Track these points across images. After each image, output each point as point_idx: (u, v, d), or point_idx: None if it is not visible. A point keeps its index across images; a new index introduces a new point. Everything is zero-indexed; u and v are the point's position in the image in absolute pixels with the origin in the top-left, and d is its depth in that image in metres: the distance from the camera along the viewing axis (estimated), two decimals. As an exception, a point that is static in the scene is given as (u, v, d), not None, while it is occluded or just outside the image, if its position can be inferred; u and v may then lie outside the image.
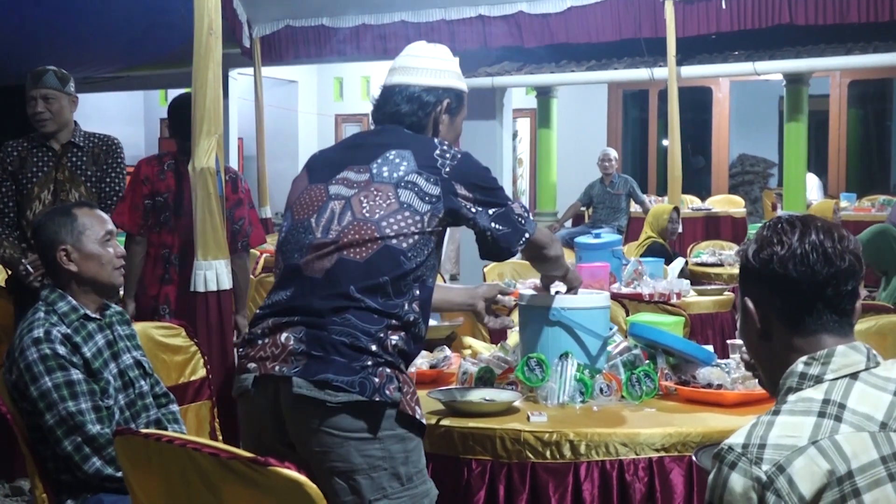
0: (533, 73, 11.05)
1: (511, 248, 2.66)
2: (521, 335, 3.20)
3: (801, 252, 1.69)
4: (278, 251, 2.65)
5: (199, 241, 4.29)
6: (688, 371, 3.10)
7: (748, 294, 1.76)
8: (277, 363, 2.43)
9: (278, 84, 15.15)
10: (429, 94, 2.71)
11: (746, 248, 1.77)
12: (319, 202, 2.59)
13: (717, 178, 13.87)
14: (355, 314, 2.43)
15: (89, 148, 4.63)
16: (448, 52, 2.82)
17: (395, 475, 2.42)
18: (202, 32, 4.33)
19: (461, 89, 2.79)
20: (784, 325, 1.72)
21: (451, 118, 2.76)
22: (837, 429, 1.56)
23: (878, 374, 1.65)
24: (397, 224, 2.49)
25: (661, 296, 5.27)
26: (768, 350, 1.75)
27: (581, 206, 10.67)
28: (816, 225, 1.72)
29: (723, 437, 2.61)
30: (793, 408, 1.62)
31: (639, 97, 14.80)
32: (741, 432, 1.61)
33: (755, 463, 1.54)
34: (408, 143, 2.61)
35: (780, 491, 1.52)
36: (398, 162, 2.56)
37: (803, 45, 9.98)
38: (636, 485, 2.62)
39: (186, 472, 1.97)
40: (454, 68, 2.79)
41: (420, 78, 2.73)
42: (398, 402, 2.41)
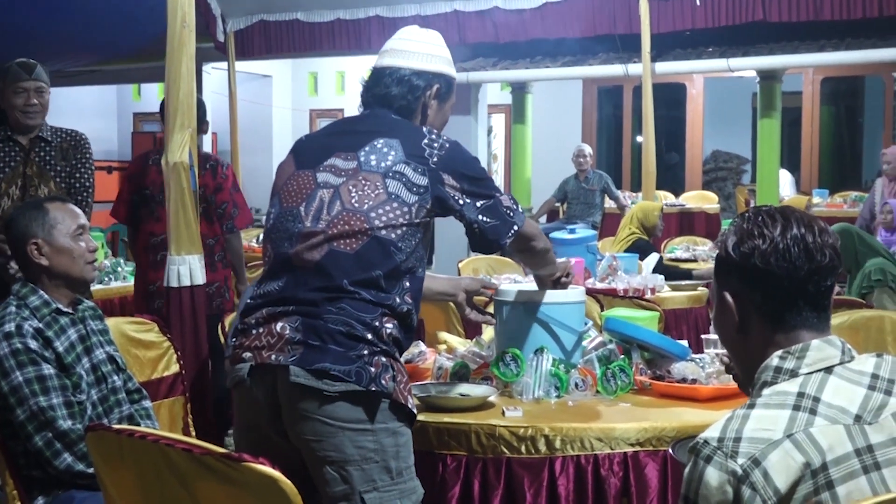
0: (508, 69, 11.06)
1: (500, 241, 2.66)
2: (496, 330, 3.20)
3: (783, 247, 1.68)
4: (266, 238, 2.64)
5: (172, 236, 4.27)
6: (662, 366, 3.11)
7: (726, 287, 1.75)
8: (274, 352, 2.43)
9: (252, 79, 15.08)
10: (419, 78, 2.71)
11: (725, 239, 1.76)
12: (308, 190, 2.58)
13: (691, 175, 13.93)
14: (350, 303, 2.44)
15: (57, 143, 4.58)
16: (440, 38, 2.81)
17: (385, 468, 2.43)
18: (175, 26, 4.30)
19: (451, 76, 2.79)
20: (763, 321, 1.72)
21: (440, 104, 2.76)
22: (812, 422, 1.57)
23: (853, 367, 1.66)
24: (386, 215, 2.49)
25: (636, 291, 5.28)
26: (745, 344, 1.74)
27: (556, 202, 10.68)
28: (797, 217, 1.71)
29: (697, 432, 2.62)
30: (768, 401, 1.62)
31: (613, 93, 14.83)
32: (717, 426, 1.61)
33: (730, 456, 1.55)
34: (396, 132, 2.60)
35: (756, 484, 1.52)
36: (386, 151, 2.55)
37: (776, 42, 10.04)
38: (611, 479, 2.62)
39: (159, 469, 1.94)
40: (445, 54, 2.79)
41: (411, 61, 2.72)
42: (392, 393, 2.43)
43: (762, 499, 1.52)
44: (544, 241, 2.88)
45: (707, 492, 1.55)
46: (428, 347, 3.54)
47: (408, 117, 2.70)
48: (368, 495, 2.41)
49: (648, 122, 9.05)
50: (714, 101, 14.52)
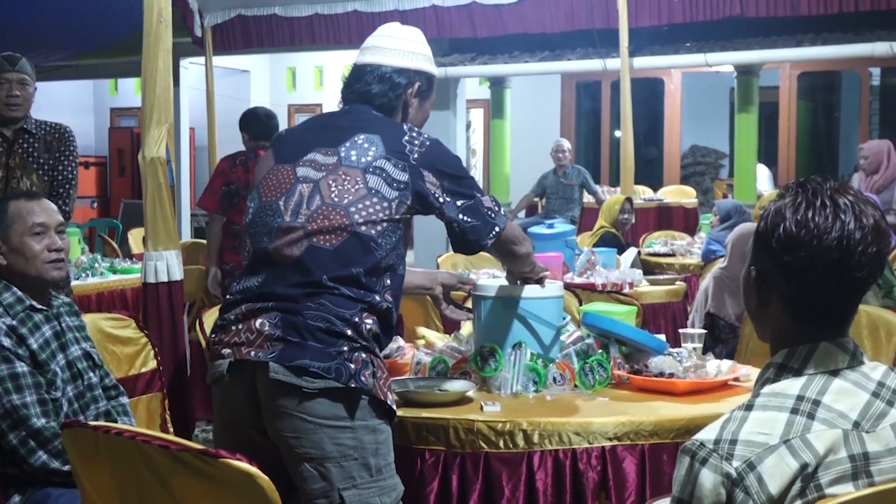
0: (486, 64, 11.07)
1: (480, 241, 2.64)
2: (474, 325, 3.20)
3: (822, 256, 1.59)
4: (246, 232, 2.63)
5: (150, 232, 4.25)
6: (640, 360, 3.12)
7: (756, 262, 1.67)
8: (253, 348, 2.43)
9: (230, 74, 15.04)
10: (400, 76, 2.70)
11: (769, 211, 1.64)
12: (287, 184, 2.57)
13: (669, 169, 13.97)
14: (329, 299, 2.43)
15: (41, 135, 4.56)
16: (421, 36, 2.81)
17: (364, 465, 2.43)
18: (152, 21, 4.28)
19: (432, 73, 2.79)
20: (784, 307, 1.66)
21: (421, 102, 2.76)
22: (810, 427, 1.55)
23: (861, 371, 1.63)
24: (366, 210, 2.48)
25: (614, 286, 5.30)
26: (763, 315, 1.70)
27: (534, 197, 10.69)
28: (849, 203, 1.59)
29: (675, 426, 2.67)
30: (766, 402, 1.60)
31: (592, 88, 14.85)
32: (713, 427, 1.59)
33: (726, 459, 1.53)
34: (377, 127, 2.60)
35: (749, 489, 1.51)
36: (366, 146, 2.55)
37: (754, 38, 10.08)
38: (589, 474, 2.63)
39: (136, 465, 1.94)
40: (426, 52, 2.78)
41: (392, 59, 2.71)
42: (371, 389, 2.42)
43: (754, 503, 1.51)
44: (527, 245, 2.85)
45: (701, 493, 1.53)
46: (406, 343, 3.54)
47: (388, 114, 2.69)
48: (347, 492, 2.41)
49: (626, 116, 9.07)
50: (692, 95, 14.56)
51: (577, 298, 4.39)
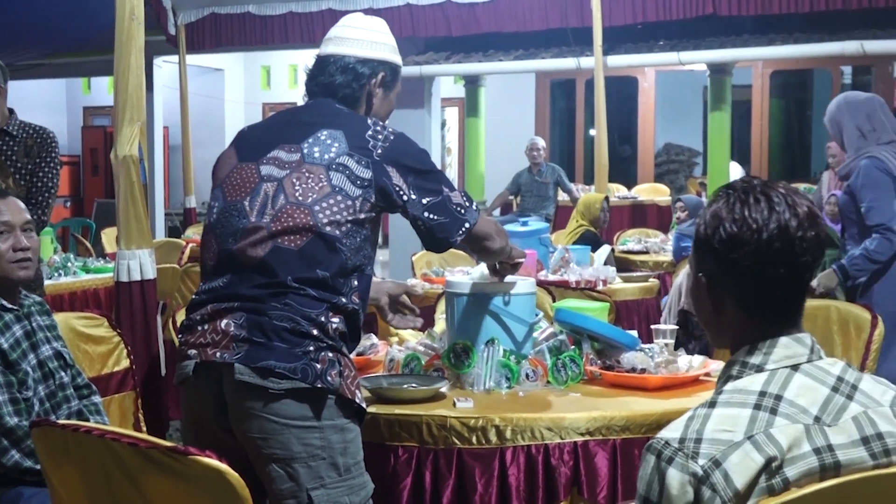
0: (461, 62, 11.08)
1: (449, 238, 2.59)
2: (447, 322, 3.21)
3: (765, 247, 1.63)
4: (210, 232, 2.59)
5: (122, 231, 4.24)
6: (612, 356, 3.13)
7: (702, 269, 1.71)
8: (219, 349, 2.41)
9: (204, 72, 14.98)
10: (363, 66, 2.68)
11: (704, 219, 1.69)
12: (252, 184, 2.54)
13: (643, 167, 14.04)
14: (295, 299, 2.42)
15: (22, 138, 4.47)
16: (384, 26, 2.79)
17: (333, 465, 2.42)
18: (124, 18, 4.26)
19: (396, 63, 2.76)
20: (737, 307, 1.69)
21: (386, 92, 2.73)
22: (773, 422, 1.56)
23: (820, 366, 1.65)
24: (330, 209, 2.46)
25: (588, 283, 5.32)
26: (719, 322, 1.72)
27: (509, 195, 10.71)
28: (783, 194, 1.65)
29: (646, 421, 2.68)
30: (729, 399, 1.61)
31: (566, 87, 14.90)
32: (677, 426, 1.60)
33: (691, 457, 1.54)
34: (340, 123, 2.57)
35: (716, 486, 1.52)
36: (329, 143, 2.52)
37: (727, 36, 10.14)
38: (561, 469, 2.64)
39: (105, 463, 1.93)
40: (390, 42, 2.76)
41: (355, 49, 2.69)
42: (338, 388, 2.41)
43: (722, 500, 1.51)
44: (501, 239, 2.79)
45: (669, 493, 1.54)
46: (380, 340, 3.54)
47: (352, 106, 2.67)
48: (316, 492, 2.40)
49: (601, 115, 9.11)
50: (666, 94, 14.63)
51: (551, 295, 4.40)
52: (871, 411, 1.62)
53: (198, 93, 13.81)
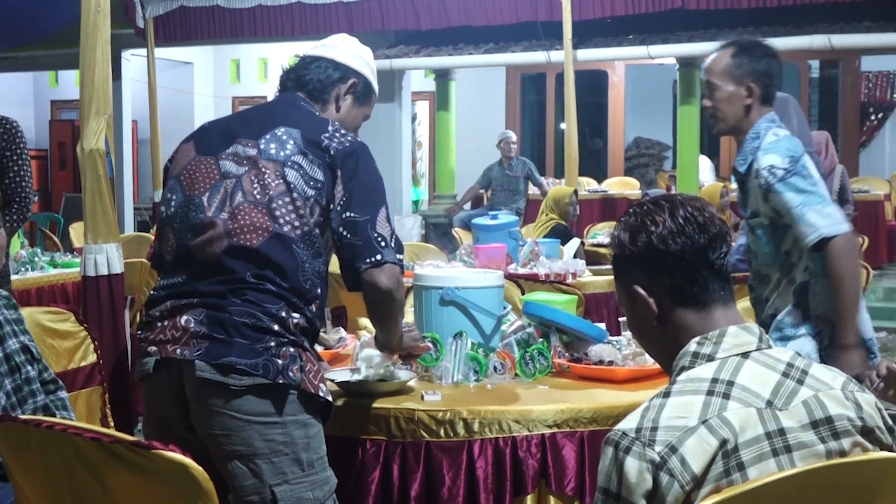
0: (431, 56, 11.07)
1: (354, 262, 2.46)
2: (415, 315, 3.21)
3: (677, 226, 1.74)
4: (167, 225, 2.58)
5: (89, 225, 4.20)
6: (580, 348, 3.14)
7: (634, 282, 1.78)
8: (179, 346, 2.40)
9: (173, 66, 14.89)
10: (337, 70, 2.74)
11: (618, 238, 1.81)
12: (211, 179, 2.53)
13: (614, 161, 14.08)
14: (255, 295, 2.41)
15: None
16: (369, 51, 2.86)
17: (296, 460, 2.41)
18: (89, 11, 4.22)
19: (371, 81, 2.81)
20: (676, 302, 1.75)
21: (355, 103, 2.77)
22: (726, 406, 1.60)
23: (770, 354, 1.70)
24: (286, 207, 2.45)
25: (557, 276, 5.32)
26: (663, 334, 1.78)
27: (480, 189, 10.72)
28: (680, 200, 1.78)
29: (613, 413, 2.69)
30: (683, 388, 1.65)
31: (536, 80, 14.92)
32: (633, 417, 1.63)
33: (648, 445, 1.57)
34: (298, 121, 2.58)
35: (673, 471, 1.55)
36: (285, 139, 2.52)
37: (695, 30, 10.19)
38: (529, 461, 2.65)
39: (68, 459, 1.92)
40: (369, 61, 2.83)
41: (333, 54, 2.76)
42: (300, 384, 2.40)
43: (679, 484, 1.55)
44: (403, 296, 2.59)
45: (628, 481, 1.57)
46: (348, 334, 3.53)
47: (319, 102, 2.70)
48: (279, 488, 2.39)
49: (571, 109, 9.13)
50: (636, 88, 14.68)
51: (520, 288, 4.41)
52: (821, 394, 1.66)
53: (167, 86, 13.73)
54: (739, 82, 3.18)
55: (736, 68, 3.19)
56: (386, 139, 11.47)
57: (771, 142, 3.12)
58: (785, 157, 3.06)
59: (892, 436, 1.71)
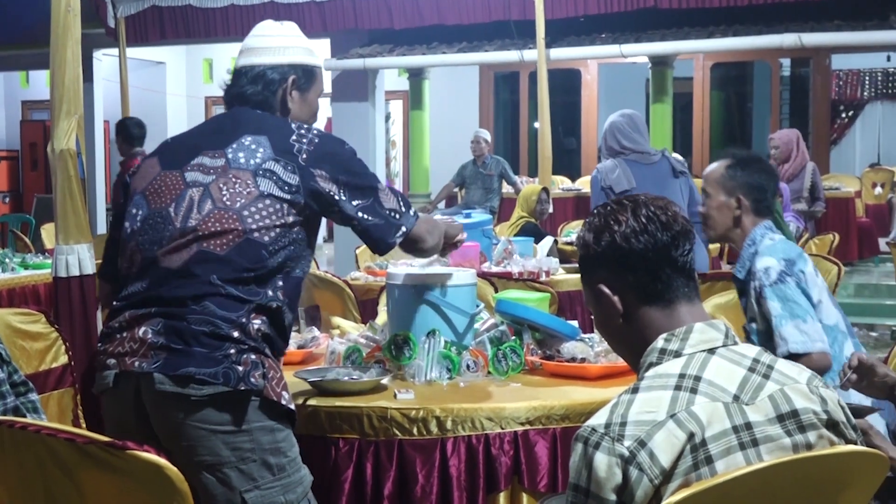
0: (405, 55, 11.07)
1: (387, 240, 2.60)
2: (388, 313, 3.21)
3: (640, 225, 1.76)
4: (132, 240, 2.53)
5: (60, 225, 4.18)
6: (553, 346, 3.16)
7: (599, 281, 1.81)
8: (137, 358, 2.36)
9: (145, 65, 14.81)
10: (273, 72, 2.66)
11: (583, 238, 1.84)
12: (177, 190, 2.50)
13: (587, 159, 14.10)
14: (214, 301, 2.37)
15: None
16: (295, 28, 2.78)
17: (265, 465, 2.39)
18: (60, 10, 4.21)
19: (310, 64, 2.73)
20: (640, 300, 1.77)
21: (302, 94, 2.71)
22: (693, 400, 1.63)
23: (736, 350, 1.73)
24: (258, 213, 2.43)
25: (531, 274, 5.34)
26: (629, 332, 1.80)
27: (454, 187, 10.73)
28: (643, 200, 1.80)
29: (586, 410, 2.71)
30: (651, 384, 1.68)
31: (510, 79, 14.94)
32: (602, 413, 1.66)
33: (617, 440, 1.59)
34: (263, 127, 2.55)
35: (643, 465, 1.58)
36: (254, 148, 2.50)
37: (667, 29, 10.23)
38: (502, 458, 2.66)
39: (42, 459, 1.92)
40: (301, 43, 2.74)
41: (264, 57, 2.68)
42: (262, 390, 2.37)
43: (648, 478, 1.57)
44: (436, 235, 2.80)
45: (597, 476, 1.59)
46: (321, 333, 3.54)
47: (269, 110, 2.66)
48: (249, 494, 2.36)
49: (544, 107, 9.16)
50: (609, 86, 14.73)
51: (493, 287, 4.43)
52: (787, 388, 1.69)
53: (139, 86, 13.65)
54: (731, 193, 3.24)
55: (729, 180, 3.25)
56: (360, 138, 11.45)
57: (767, 245, 3.19)
58: (780, 260, 3.12)
59: (855, 432, 1.74)
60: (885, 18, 9.47)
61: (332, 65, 11.27)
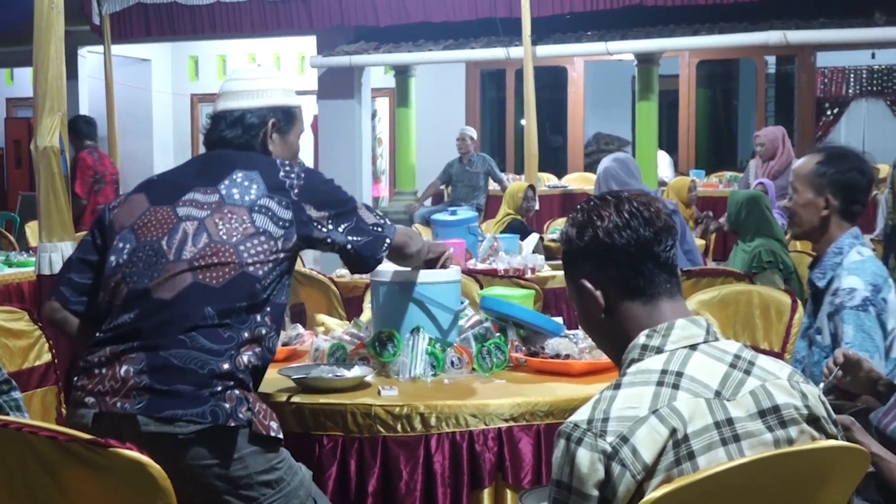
0: (390, 52, 11.06)
1: (376, 256, 2.68)
2: (373, 310, 3.21)
3: (622, 221, 1.76)
4: (117, 272, 2.49)
5: (44, 223, 4.18)
6: (537, 342, 3.16)
7: (582, 276, 1.81)
8: (119, 399, 2.32)
9: (130, 62, 14.75)
10: (252, 116, 2.68)
11: (566, 233, 1.84)
12: (169, 224, 2.49)
13: (573, 157, 14.12)
14: (204, 333, 2.36)
15: None
16: (271, 70, 2.81)
17: (264, 484, 2.39)
18: (42, 7, 4.20)
19: (289, 105, 2.75)
20: (622, 295, 1.78)
21: (282, 136, 2.73)
22: (675, 396, 1.63)
23: (717, 346, 1.73)
24: (254, 249, 2.45)
25: (516, 271, 5.34)
26: (612, 327, 1.80)
27: (440, 185, 10.73)
28: (625, 196, 1.81)
29: (570, 406, 2.71)
30: (633, 379, 1.68)
31: (496, 77, 14.94)
32: (585, 409, 1.66)
33: (600, 436, 1.60)
34: (252, 163, 2.59)
35: (625, 460, 1.58)
36: (247, 184, 2.53)
37: (653, 26, 10.25)
38: (486, 455, 2.66)
39: (23, 457, 1.91)
40: (279, 85, 2.76)
41: (243, 101, 2.69)
42: (251, 423, 2.35)
43: (631, 474, 1.58)
44: (415, 243, 2.90)
45: (579, 472, 1.60)
46: (306, 330, 3.53)
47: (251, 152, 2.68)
48: None
49: (530, 105, 9.16)
50: (595, 84, 14.74)
51: (479, 283, 4.43)
52: (768, 384, 1.69)
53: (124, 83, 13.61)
54: (819, 192, 3.03)
55: (818, 177, 3.04)
56: (346, 136, 11.45)
57: (855, 262, 2.97)
58: (868, 285, 2.91)
59: (836, 427, 1.74)
60: (869, 16, 9.51)
61: (317, 62, 11.25)
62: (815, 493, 1.71)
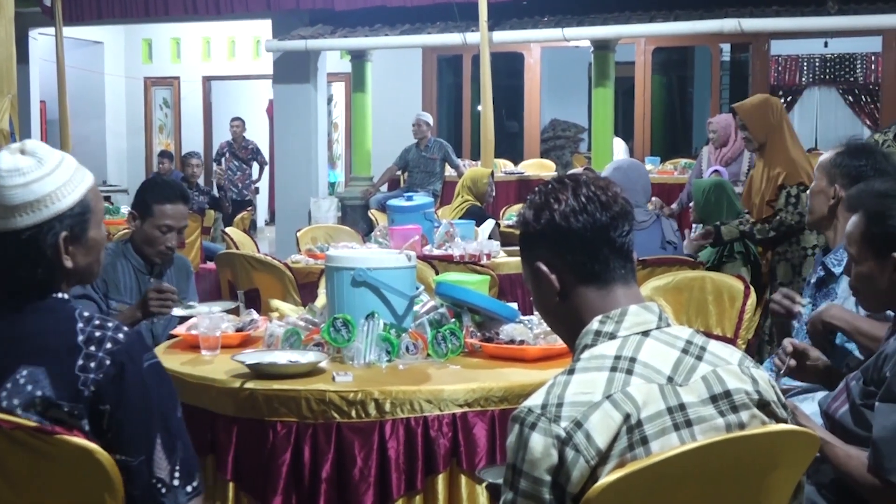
0: (347, 37, 11.01)
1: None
2: (327, 296, 3.20)
3: (579, 205, 1.75)
4: None
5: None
6: (492, 328, 3.16)
7: (538, 259, 1.80)
8: None
9: (83, 45, 14.56)
10: (27, 246, 1.94)
11: (523, 216, 1.83)
12: None
13: (530, 143, 14.14)
14: None
15: None
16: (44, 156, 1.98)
17: None
18: (-9, -13, 4.13)
19: (79, 199, 1.99)
20: (577, 279, 1.77)
21: (83, 240, 2.00)
22: (629, 381, 1.64)
23: (669, 332, 1.74)
24: None
25: (472, 257, 5.34)
26: (566, 310, 1.80)
27: (397, 170, 10.70)
28: (583, 180, 1.80)
29: (524, 391, 2.71)
30: (587, 365, 1.68)
31: (453, 62, 14.90)
32: (539, 394, 1.66)
33: (554, 421, 1.60)
34: (41, 353, 1.91)
35: (579, 445, 1.58)
36: (31, 388, 1.89)
37: (610, 13, 10.29)
38: (440, 440, 2.66)
39: (-33, 446, 1.87)
40: (59, 180, 1.97)
41: (22, 217, 1.94)
42: None
43: (585, 459, 1.58)
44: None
45: (533, 457, 1.60)
46: (260, 315, 3.51)
47: (48, 292, 1.98)
48: None
49: (487, 91, 9.15)
50: (552, 70, 14.76)
51: (434, 269, 4.42)
52: (719, 369, 1.70)
53: (76, 66, 13.43)
54: (831, 181, 3.08)
55: (833, 167, 3.09)
56: (301, 121, 11.38)
57: None
58: None
59: (786, 411, 1.76)
60: (822, 4, 9.60)
61: (273, 46, 11.17)
62: (765, 477, 1.72)
